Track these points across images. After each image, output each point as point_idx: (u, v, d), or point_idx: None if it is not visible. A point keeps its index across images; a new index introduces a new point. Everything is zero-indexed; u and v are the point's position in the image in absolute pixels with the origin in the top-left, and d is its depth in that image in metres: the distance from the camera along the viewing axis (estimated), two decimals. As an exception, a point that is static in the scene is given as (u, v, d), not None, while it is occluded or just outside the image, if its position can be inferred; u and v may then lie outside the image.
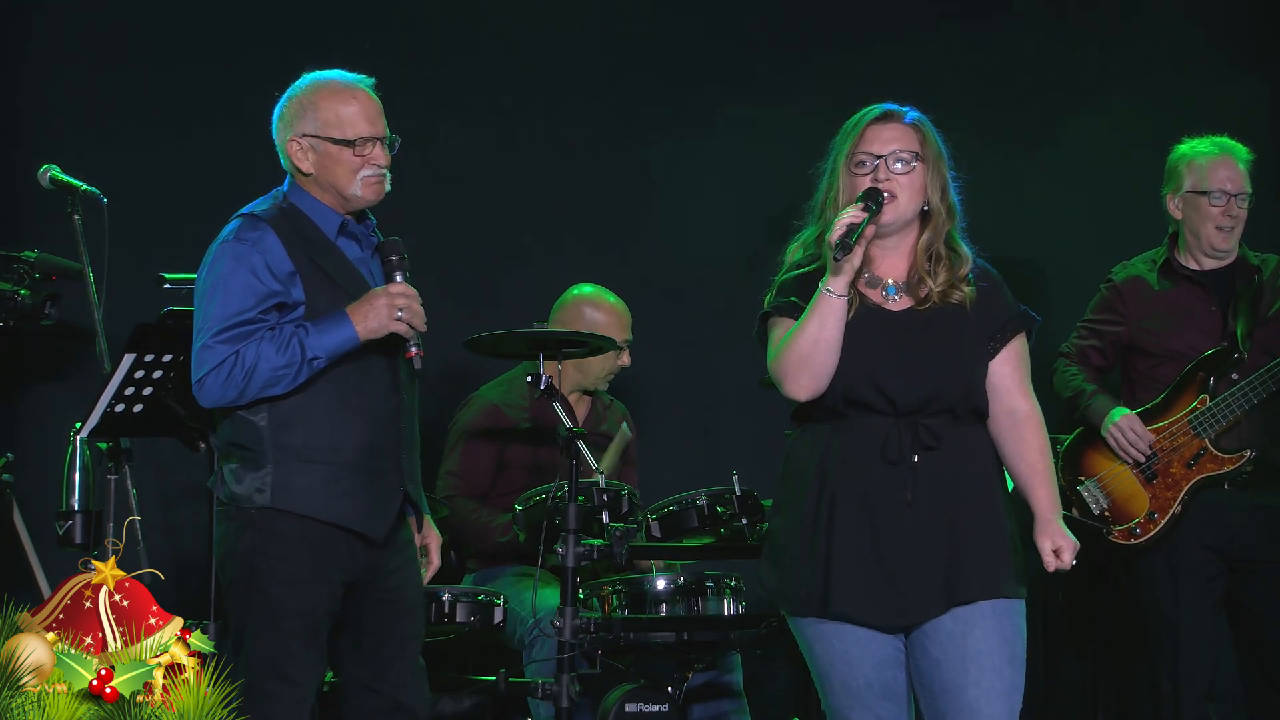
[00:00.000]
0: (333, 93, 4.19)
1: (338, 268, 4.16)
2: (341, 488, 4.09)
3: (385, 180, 4.20)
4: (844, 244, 3.80)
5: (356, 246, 4.23)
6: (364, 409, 4.13)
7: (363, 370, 4.12)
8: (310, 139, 4.17)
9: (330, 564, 4.08)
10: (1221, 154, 5.33)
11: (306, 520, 4.07)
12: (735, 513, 5.16)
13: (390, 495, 4.16)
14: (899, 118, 3.98)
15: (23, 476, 5.30)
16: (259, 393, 4.06)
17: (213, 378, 4.06)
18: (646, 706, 4.99)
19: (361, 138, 4.16)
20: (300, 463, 4.08)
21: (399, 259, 4.16)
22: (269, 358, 4.03)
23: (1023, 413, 4.01)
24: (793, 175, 4.31)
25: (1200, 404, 5.27)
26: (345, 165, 4.16)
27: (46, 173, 5.07)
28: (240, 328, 4.06)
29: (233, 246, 4.12)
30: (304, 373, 4.05)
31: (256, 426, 4.10)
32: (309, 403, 4.09)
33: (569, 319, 5.68)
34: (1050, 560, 3.98)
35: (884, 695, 3.92)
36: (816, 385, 3.89)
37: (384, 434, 4.15)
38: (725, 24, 6.51)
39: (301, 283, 4.11)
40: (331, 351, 4.06)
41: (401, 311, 4.07)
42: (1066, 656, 6.21)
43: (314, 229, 4.17)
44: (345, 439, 4.10)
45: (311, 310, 4.11)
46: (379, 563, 4.16)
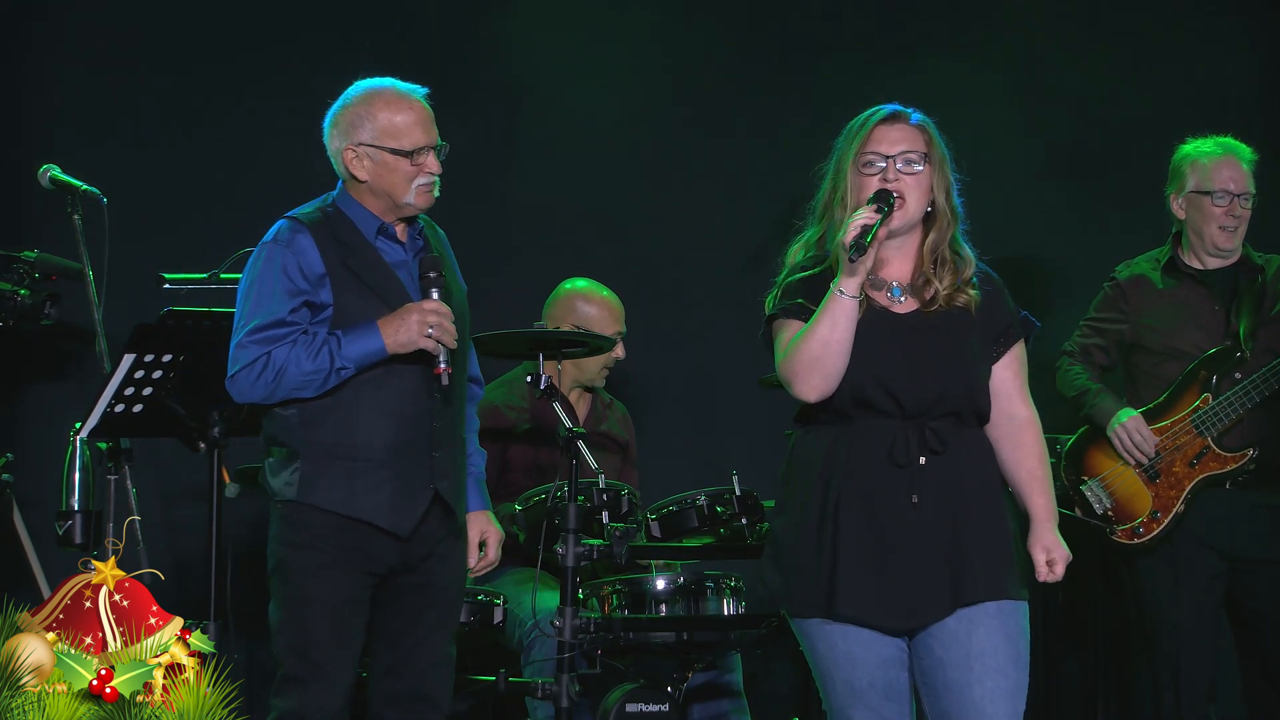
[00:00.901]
0: (388, 102, 4.25)
1: (372, 271, 4.22)
2: (367, 484, 4.15)
3: (436, 187, 4.28)
4: (859, 245, 3.80)
5: (400, 249, 4.29)
6: (395, 410, 4.19)
7: (396, 373, 4.18)
8: (367, 148, 4.23)
9: (354, 556, 4.15)
10: (1225, 154, 5.33)
11: (330, 515, 4.15)
12: (735, 513, 5.15)
13: (418, 493, 4.20)
14: (906, 118, 3.97)
15: (23, 476, 5.30)
16: (289, 394, 4.15)
17: (244, 375, 4.16)
18: (646, 706, 4.99)
19: (419, 148, 4.23)
20: (328, 459, 4.17)
21: (436, 276, 4.22)
22: (299, 362, 4.12)
23: (1022, 418, 4.02)
24: (794, 175, 4.30)
25: (1203, 403, 5.27)
26: (402, 174, 4.23)
27: (46, 173, 5.07)
28: (273, 329, 4.14)
29: (270, 248, 4.20)
30: (332, 379, 4.14)
31: (290, 422, 4.19)
32: (340, 401, 4.17)
33: (562, 313, 5.68)
34: (1043, 570, 3.99)
35: (887, 695, 3.91)
36: (827, 386, 3.88)
37: (414, 433, 4.20)
38: (726, 24, 6.50)
39: (331, 285, 4.18)
40: (359, 361, 4.14)
41: (432, 329, 4.14)
42: (1066, 656, 6.20)
43: (355, 233, 4.24)
44: (374, 437, 4.17)
45: (339, 313, 4.18)
46: (410, 554, 4.22)
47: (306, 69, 6.08)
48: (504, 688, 4.94)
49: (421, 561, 4.24)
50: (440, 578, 4.28)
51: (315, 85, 6.27)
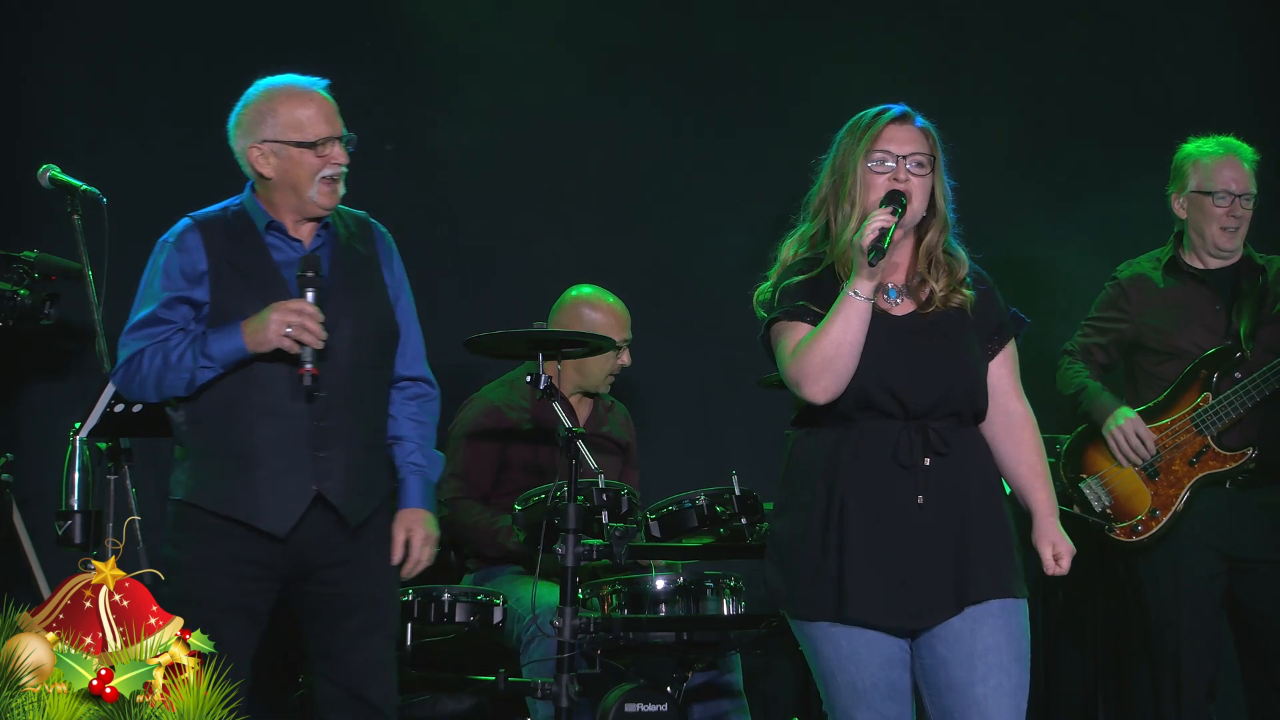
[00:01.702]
0: (290, 97, 4.29)
1: (256, 269, 4.25)
2: (244, 483, 4.18)
3: (339, 182, 4.29)
4: (877, 248, 3.80)
5: (297, 248, 4.29)
6: (274, 409, 4.20)
7: (280, 374, 4.20)
8: (271, 144, 4.27)
9: (234, 557, 4.16)
10: (1227, 154, 5.33)
11: (212, 515, 4.18)
12: (735, 513, 5.15)
13: (296, 493, 4.21)
14: (913, 120, 3.98)
15: (23, 476, 5.30)
16: (163, 390, 4.22)
17: (121, 371, 4.26)
18: (646, 706, 4.99)
19: (322, 139, 4.26)
20: (210, 459, 4.22)
21: (312, 275, 4.22)
22: (167, 359, 4.18)
23: (1018, 414, 4.03)
24: (794, 174, 4.30)
25: (1203, 402, 5.27)
26: (307, 167, 4.25)
27: (46, 173, 5.07)
28: (149, 326, 4.22)
29: (160, 246, 4.30)
30: (200, 376, 4.18)
31: (178, 424, 4.29)
32: (224, 401, 4.21)
33: (567, 320, 5.67)
34: (1050, 564, 4.00)
35: (889, 695, 3.91)
36: (837, 388, 3.88)
37: (294, 434, 4.21)
38: (726, 24, 6.50)
39: (211, 283, 4.23)
40: (224, 359, 4.18)
41: (290, 329, 4.14)
42: (1066, 656, 6.20)
43: (249, 231, 4.28)
44: (252, 437, 4.20)
45: (216, 310, 4.22)
46: (309, 560, 4.23)
47: (306, 69, 6.08)
48: (504, 688, 4.94)
49: (324, 570, 4.23)
50: (353, 585, 4.26)
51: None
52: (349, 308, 4.27)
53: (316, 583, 4.25)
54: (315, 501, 4.21)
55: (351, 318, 4.27)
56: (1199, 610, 5.23)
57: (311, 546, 4.22)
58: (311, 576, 4.25)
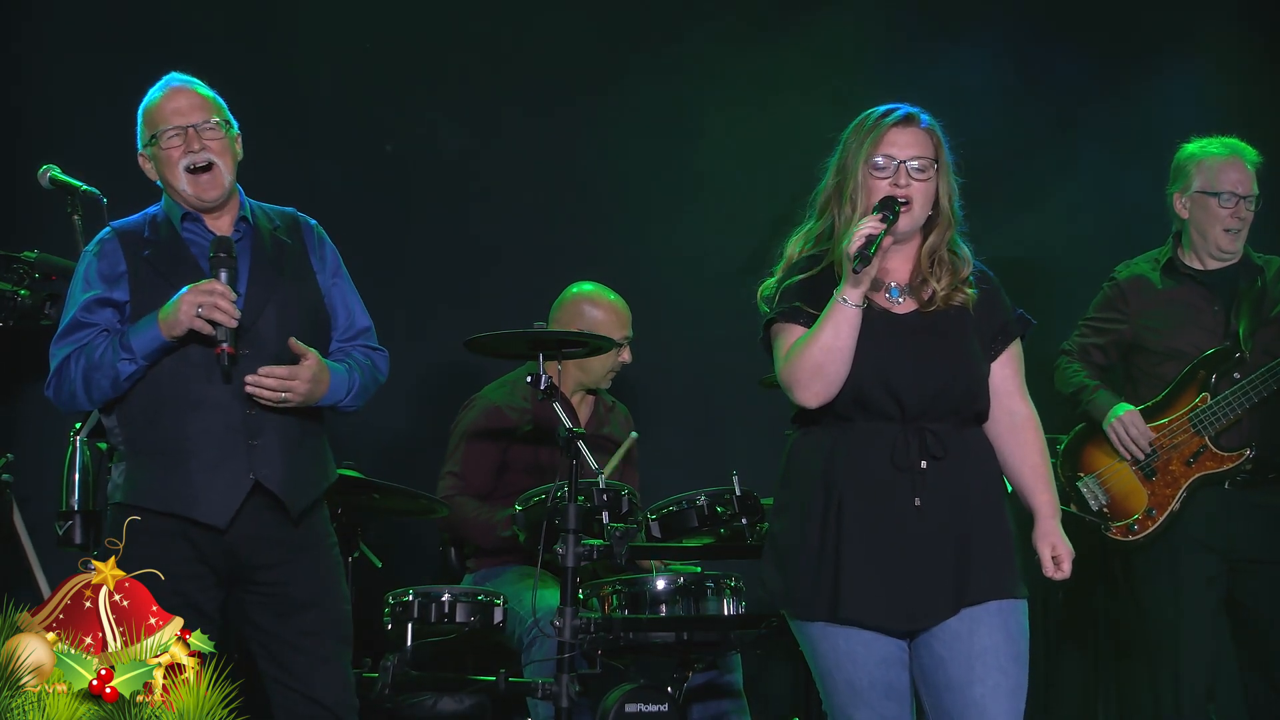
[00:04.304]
0: (150, 102, 4.34)
1: (171, 262, 4.26)
2: (179, 477, 4.18)
3: (213, 171, 4.27)
4: (863, 255, 3.80)
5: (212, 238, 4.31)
6: (202, 401, 4.20)
7: (203, 365, 4.20)
8: (150, 149, 4.32)
9: (173, 554, 4.12)
10: (1231, 155, 5.32)
11: (147, 513, 4.14)
12: (735, 513, 5.15)
13: (233, 482, 4.21)
14: (917, 121, 3.97)
15: (23, 476, 5.30)
16: (92, 392, 4.21)
17: (53, 383, 4.27)
18: (646, 706, 4.99)
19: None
20: (143, 457, 4.22)
21: (224, 256, 4.21)
22: (90, 359, 4.18)
23: (1022, 415, 4.02)
24: (794, 174, 4.30)
25: (1201, 402, 5.27)
26: (165, 161, 4.28)
27: (46, 173, 5.08)
28: (74, 332, 4.23)
29: (82, 258, 4.32)
30: (124, 368, 4.18)
31: (110, 428, 4.29)
32: (152, 399, 4.21)
33: (568, 317, 5.68)
34: (1049, 567, 4.00)
35: (887, 695, 3.91)
36: (829, 393, 3.88)
37: (224, 422, 4.20)
38: (726, 23, 6.51)
39: (129, 282, 4.24)
40: (144, 351, 4.18)
41: (202, 308, 4.13)
42: (1066, 656, 6.20)
43: (166, 229, 4.30)
44: (181, 430, 4.19)
45: (138, 309, 4.23)
46: (250, 559, 4.23)
47: (307, 68, 6.08)
48: (504, 688, 4.94)
49: (264, 570, 4.24)
50: (295, 587, 4.27)
51: (316, 85, 6.31)
52: (273, 295, 4.28)
53: (259, 584, 4.25)
54: (254, 491, 4.21)
55: (275, 304, 4.28)
56: (1197, 610, 5.23)
57: (251, 542, 4.22)
58: (254, 577, 4.25)
